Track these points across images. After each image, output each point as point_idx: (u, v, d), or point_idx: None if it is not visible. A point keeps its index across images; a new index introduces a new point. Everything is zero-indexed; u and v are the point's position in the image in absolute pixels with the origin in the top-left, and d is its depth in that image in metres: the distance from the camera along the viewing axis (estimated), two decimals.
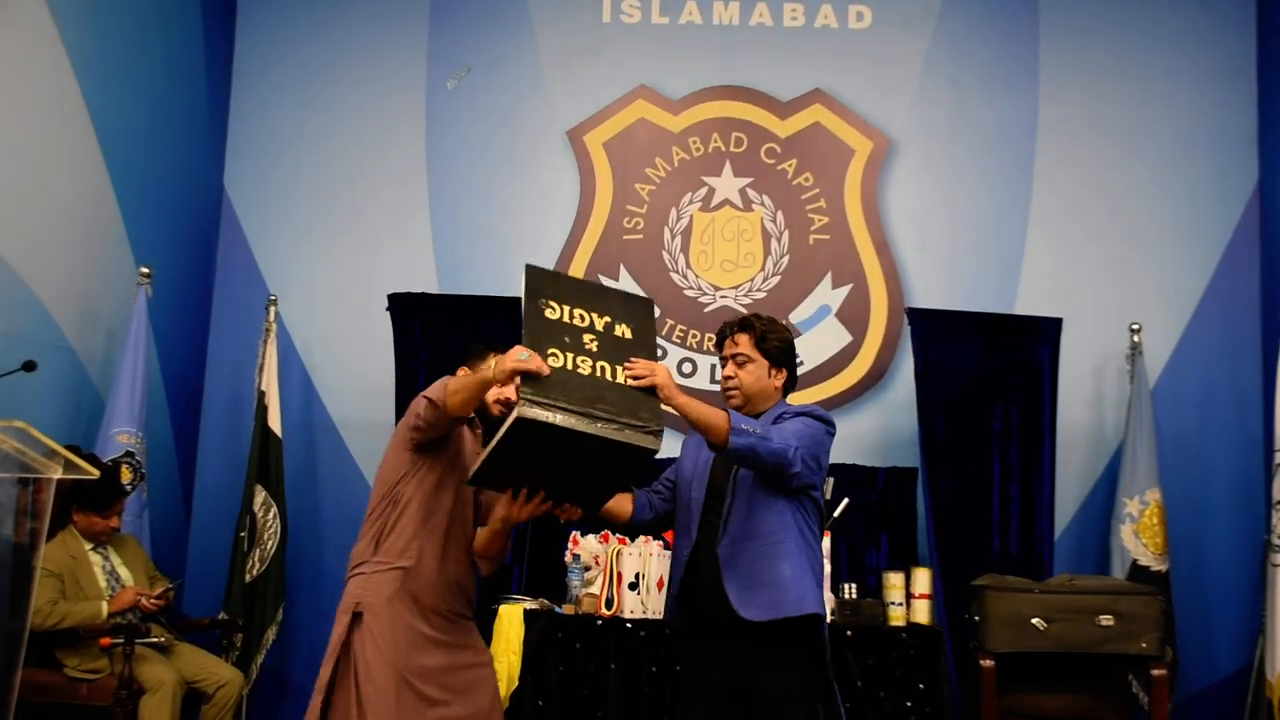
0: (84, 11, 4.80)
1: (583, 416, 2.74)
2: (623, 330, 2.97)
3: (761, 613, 3.10)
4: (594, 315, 2.96)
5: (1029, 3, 5.84)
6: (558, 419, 2.72)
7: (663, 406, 2.91)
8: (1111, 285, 5.61)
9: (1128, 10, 5.80)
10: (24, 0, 4.47)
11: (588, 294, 3.05)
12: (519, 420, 2.74)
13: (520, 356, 2.77)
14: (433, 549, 3.27)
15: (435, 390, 3.14)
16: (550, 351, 2.81)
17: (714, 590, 3.17)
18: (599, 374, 2.84)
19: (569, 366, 2.81)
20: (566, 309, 2.94)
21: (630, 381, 2.86)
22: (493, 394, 3.33)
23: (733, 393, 3.28)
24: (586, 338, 2.90)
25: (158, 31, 5.39)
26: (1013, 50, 5.83)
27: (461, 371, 3.45)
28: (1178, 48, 5.76)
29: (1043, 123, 5.77)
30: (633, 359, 2.92)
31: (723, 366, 3.32)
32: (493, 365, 3.19)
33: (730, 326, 3.33)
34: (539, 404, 2.72)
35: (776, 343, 3.29)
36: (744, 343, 3.28)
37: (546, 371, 2.76)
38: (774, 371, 3.30)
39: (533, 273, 3.01)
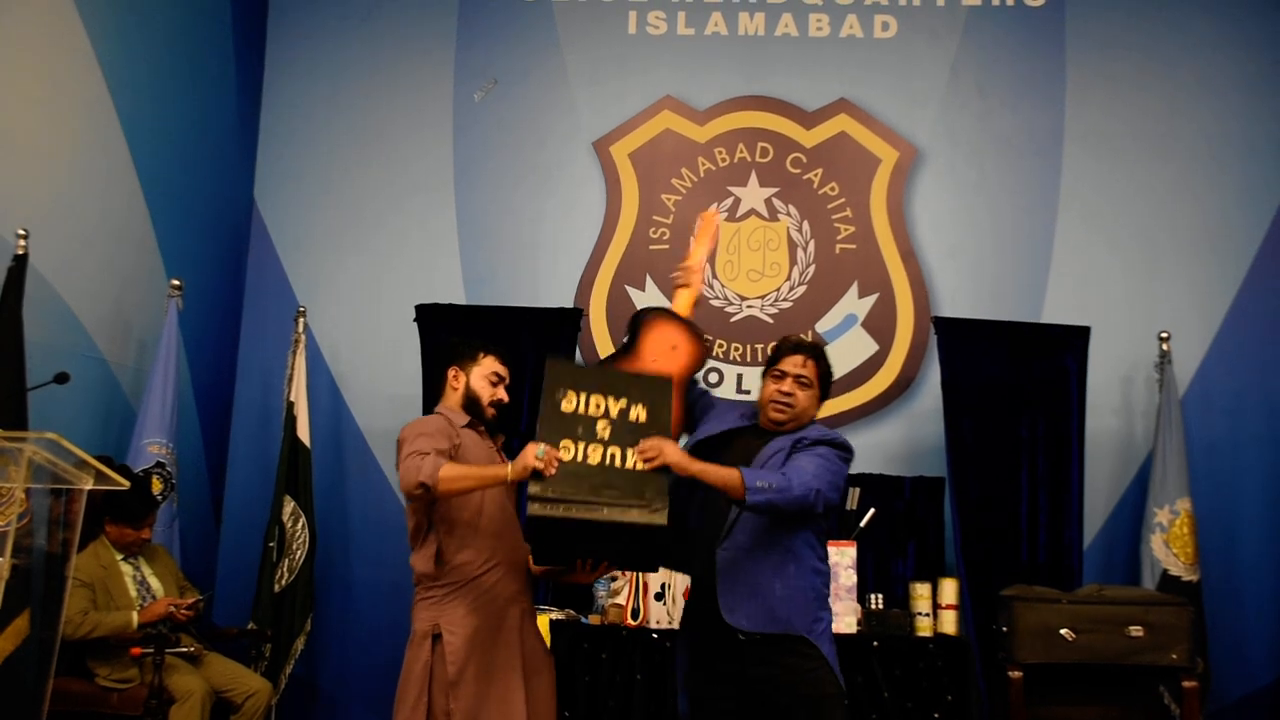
0: (117, 26, 4.87)
1: (587, 505, 2.95)
2: (637, 413, 3.10)
3: (746, 622, 3.13)
4: (610, 400, 3.11)
5: (1055, 11, 5.83)
6: (561, 512, 2.94)
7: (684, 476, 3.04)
8: (1140, 293, 5.57)
9: (1154, 18, 5.77)
10: (58, 15, 4.54)
11: (606, 380, 3.18)
12: (530, 519, 2.97)
13: (537, 454, 2.96)
14: (490, 553, 3.31)
15: (429, 472, 3.08)
16: (563, 444, 3.01)
17: (706, 592, 3.20)
18: (608, 460, 3.02)
19: (579, 458, 3.00)
20: (583, 397, 3.10)
21: (641, 465, 3.00)
22: (486, 397, 3.44)
23: (785, 409, 3.31)
24: (600, 425, 3.07)
25: (189, 46, 5.46)
26: (1039, 59, 5.81)
27: (451, 372, 3.46)
28: (1205, 55, 5.72)
29: (1069, 131, 5.74)
30: (644, 441, 3.03)
31: (778, 380, 3.33)
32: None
33: (803, 349, 3.38)
34: (546, 501, 2.94)
35: (828, 377, 3.42)
36: (811, 369, 3.35)
37: (553, 471, 2.96)
38: (821, 401, 3.42)
39: (552, 367, 3.16)
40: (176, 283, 5.11)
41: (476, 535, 3.29)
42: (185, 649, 4.35)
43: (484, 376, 3.47)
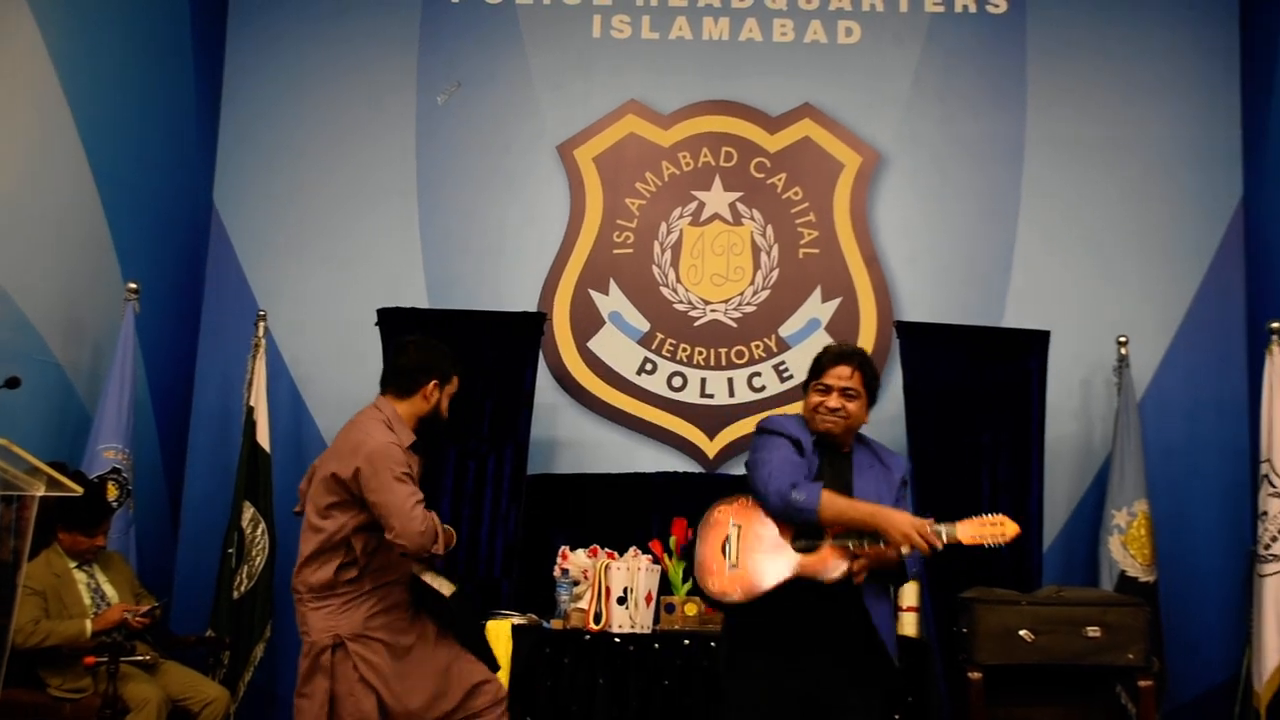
0: (72, 25, 4.81)
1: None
2: None
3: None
4: None
5: (1017, 19, 5.87)
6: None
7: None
8: (1099, 298, 5.62)
9: (1114, 26, 5.83)
10: (10, 13, 4.48)
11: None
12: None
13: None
14: (401, 564, 3.45)
15: (440, 548, 3.40)
16: None
17: (854, 620, 3.18)
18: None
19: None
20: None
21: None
22: (442, 415, 3.62)
23: (837, 422, 3.27)
24: None
25: (147, 45, 5.40)
26: (1001, 66, 5.85)
27: (432, 384, 3.52)
28: (1163, 63, 5.78)
29: (1030, 137, 5.79)
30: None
31: (824, 394, 3.29)
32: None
33: (845, 358, 3.32)
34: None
35: (875, 381, 3.38)
36: (857, 380, 3.30)
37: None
38: (870, 407, 3.37)
39: None
40: (133, 285, 5.04)
41: (388, 546, 3.42)
42: (141, 657, 4.28)
43: (449, 396, 3.60)
